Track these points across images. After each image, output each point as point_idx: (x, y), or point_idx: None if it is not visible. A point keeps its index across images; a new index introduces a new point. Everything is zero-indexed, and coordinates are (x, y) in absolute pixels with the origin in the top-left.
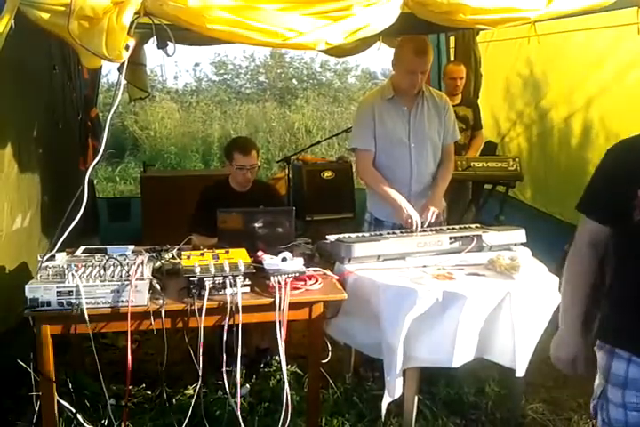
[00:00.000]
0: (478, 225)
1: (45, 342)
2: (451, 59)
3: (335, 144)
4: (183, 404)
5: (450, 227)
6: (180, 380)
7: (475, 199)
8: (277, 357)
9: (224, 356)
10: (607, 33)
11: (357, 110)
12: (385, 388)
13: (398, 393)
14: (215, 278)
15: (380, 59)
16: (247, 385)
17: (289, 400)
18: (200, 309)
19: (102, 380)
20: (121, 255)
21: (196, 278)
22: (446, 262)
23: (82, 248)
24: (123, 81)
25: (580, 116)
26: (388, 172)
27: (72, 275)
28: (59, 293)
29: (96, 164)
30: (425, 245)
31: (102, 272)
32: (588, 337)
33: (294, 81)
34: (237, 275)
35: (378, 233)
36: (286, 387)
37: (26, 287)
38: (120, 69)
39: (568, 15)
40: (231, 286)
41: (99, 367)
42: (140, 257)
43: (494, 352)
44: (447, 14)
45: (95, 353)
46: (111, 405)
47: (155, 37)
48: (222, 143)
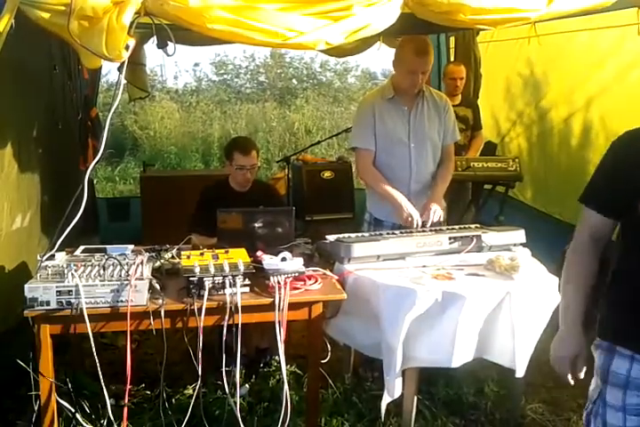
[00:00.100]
0: (478, 225)
1: (45, 342)
2: (451, 59)
3: (335, 144)
4: (182, 404)
5: (449, 227)
6: (180, 380)
7: (474, 200)
8: (277, 357)
9: (223, 356)
10: (608, 33)
11: (358, 110)
12: (384, 388)
13: (398, 393)
14: (215, 278)
15: (380, 59)
16: (247, 385)
17: (288, 400)
18: (199, 309)
19: (102, 380)
20: (120, 255)
21: (196, 278)
22: (446, 263)
23: (81, 248)
24: (123, 81)
25: (581, 116)
26: (388, 171)
27: (71, 274)
28: (58, 292)
29: (96, 163)
30: (424, 245)
31: (102, 272)
32: (589, 337)
33: (294, 81)
34: (237, 275)
35: (377, 233)
36: (286, 387)
37: (25, 287)
38: (120, 69)
39: (569, 15)
40: (231, 286)
41: (98, 367)
42: (140, 257)
43: (494, 352)
44: (447, 14)
45: (95, 353)
46: (110, 404)
47: (155, 37)
48: (222, 143)
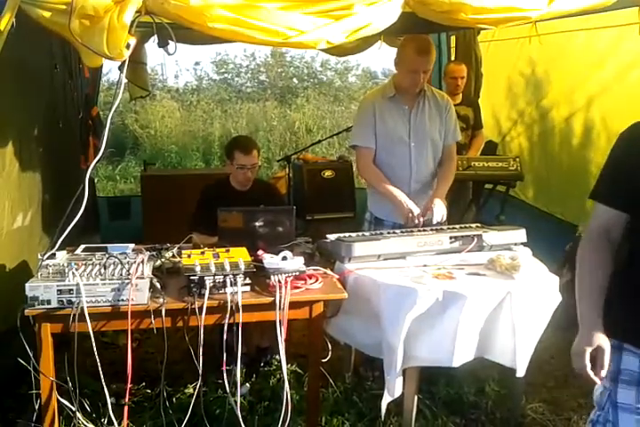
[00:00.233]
0: (479, 225)
1: (45, 341)
2: (451, 58)
3: (336, 143)
4: (183, 403)
5: (450, 226)
6: (180, 379)
7: (475, 199)
8: (277, 356)
9: (224, 355)
10: (608, 33)
11: (358, 108)
12: (385, 387)
13: (398, 393)
14: (215, 277)
15: (381, 58)
16: (247, 384)
17: (289, 399)
18: (200, 307)
19: (102, 378)
20: (121, 254)
21: (197, 277)
22: (447, 262)
23: (82, 247)
24: (123, 80)
25: (582, 115)
26: (388, 170)
27: (72, 273)
28: (59, 291)
29: (97, 162)
30: (425, 244)
31: (103, 271)
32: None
33: (295, 80)
34: (238, 274)
35: (378, 232)
36: (286, 386)
37: (26, 286)
38: (121, 68)
39: (569, 15)
40: (231, 285)
41: (99, 366)
42: (141, 256)
43: (494, 352)
44: (448, 13)
45: (95, 352)
46: (111, 403)
47: (155, 36)
48: (223, 142)
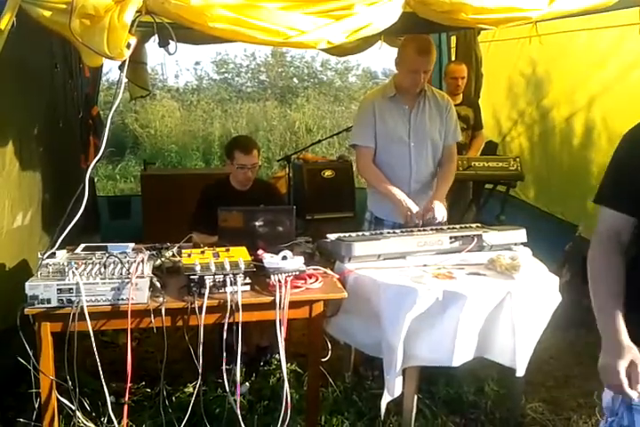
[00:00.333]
0: (479, 225)
1: (45, 340)
2: (452, 58)
3: (336, 143)
4: (183, 402)
5: (450, 226)
6: (180, 378)
7: (475, 199)
8: (277, 355)
9: (224, 354)
10: (609, 33)
11: (359, 108)
12: (384, 387)
13: (398, 392)
14: (215, 277)
15: (381, 58)
16: (247, 383)
17: (288, 399)
18: (200, 307)
19: (102, 377)
20: (121, 253)
21: (197, 277)
22: (447, 262)
23: (82, 246)
24: (124, 79)
25: (582, 115)
26: (388, 170)
27: (72, 272)
28: (59, 290)
29: (97, 162)
30: (425, 244)
31: (102, 270)
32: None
33: (295, 80)
34: (238, 273)
35: (378, 232)
36: (286, 385)
37: (26, 285)
38: (121, 68)
39: (570, 15)
40: (231, 285)
41: (99, 365)
42: (141, 255)
43: (494, 352)
44: (449, 14)
45: (95, 351)
46: (111, 402)
47: (156, 36)
48: (223, 142)
